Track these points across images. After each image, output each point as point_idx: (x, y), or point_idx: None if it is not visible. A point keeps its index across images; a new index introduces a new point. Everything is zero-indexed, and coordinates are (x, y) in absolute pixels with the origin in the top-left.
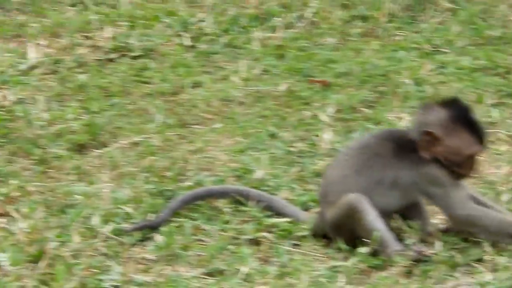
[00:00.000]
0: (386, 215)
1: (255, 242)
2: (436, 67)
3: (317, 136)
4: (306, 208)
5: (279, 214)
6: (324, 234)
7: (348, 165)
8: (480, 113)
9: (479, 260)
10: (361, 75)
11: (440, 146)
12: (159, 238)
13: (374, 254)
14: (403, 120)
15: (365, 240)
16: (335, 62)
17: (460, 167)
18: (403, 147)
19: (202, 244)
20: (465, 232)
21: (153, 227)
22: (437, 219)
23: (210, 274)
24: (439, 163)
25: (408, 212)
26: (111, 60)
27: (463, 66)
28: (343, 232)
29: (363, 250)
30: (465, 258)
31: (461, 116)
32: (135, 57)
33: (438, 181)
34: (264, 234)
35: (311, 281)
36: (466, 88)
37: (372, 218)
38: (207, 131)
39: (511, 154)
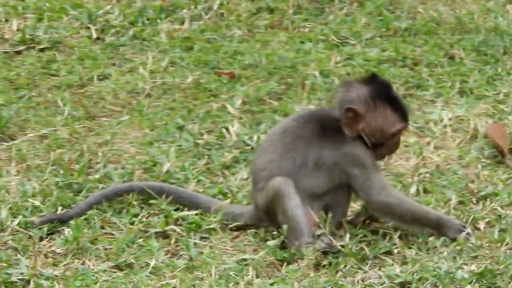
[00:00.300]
0: (313, 198)
1: (164, 235)
2: (344, 58)
3: (224, 128)
4: None
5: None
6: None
7: (272, 150)
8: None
9: (388, 253)
10: (268, 67)
11: (363, 123)
12: (67, 231)
13: (283, 247)
14: None
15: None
16: (242, 54)
17: (383, 145)
18: (326, 127)
19: (110, 238)
20: (378, 219)
21: (63, 221)
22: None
23: (119, 267)
24: (362, 141)
25: (334, 200)
26: (18, 52)
27: (371, 57)
28: (274, 217)
29: (271, 243)
30: (374, 251)
31: (382, 92)
32: (42, 50)
33: (360, 161)
34: (173, 227)
35: (220, 274)
36: None
37: (293, 204)
38: (114, 124)
39: (420, 146)
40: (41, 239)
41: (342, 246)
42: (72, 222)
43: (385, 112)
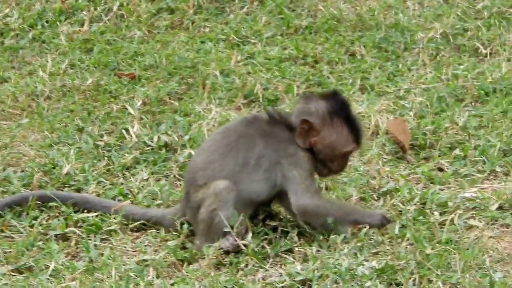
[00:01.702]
0: (253, 203)
1: (64, 237)
2: (244, 57)
3: (125, 129)
4: None
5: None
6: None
7: (214, 150)
8: (289, 104)
9: (289, 251)
10: (168, 68)
11: (317, 137)
12: None
13: (184, 246)
14: (212, 112)
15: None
16: (142, 55)
17: (332, 162)
18: (274, 128)
19: (10, 241)
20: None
21: None
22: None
23: (18, 270)
24: (311, 153)
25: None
26: None
27: (272, 56)
28: (204, 218)
29: (172, 243)
30: (275, 249)
31: (341, 110)
32: None
33: (301, 164)
34: (73, 229)
35: (120, 276)
36: (274, 78)
37: (225, 214)
38: (14, 127)
39: None
40: None
41: (245, 245)
42: None
43: (341, 130)
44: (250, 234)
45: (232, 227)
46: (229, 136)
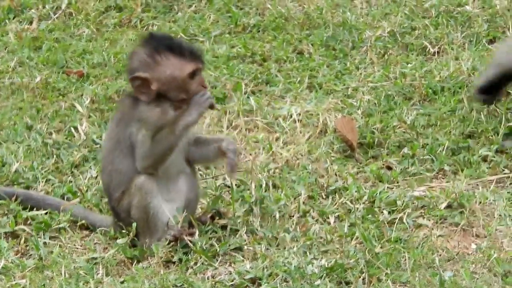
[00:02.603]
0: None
1: (13, 235)
2: None
3: (73, 127)
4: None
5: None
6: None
7: (106, 136)
8: (237, 101)
9: (238, 249)
10: (117, 66)
11: (154, 83)
12: None
13: (133, 244)
14: None
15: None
16: (91, 53)
17: (187, 92)
18: (122, 105)
19: None
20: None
21: None
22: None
23: None
24: (165, 100)
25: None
26: None
27: (219, 54)
28: (129, 214)
29: (121, 241)
30: (224, 247)
31: (160, 46)
32: None
33: (146, 125)
34: (22, 227)
35: (70, 273)
36: (222, 76)
37: (155, 203)
38: None
39: (269, 141)
40: None
41: (192, 242)
42: None
43: (169, 62)
44: (196, 232)
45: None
46: (113, 118)
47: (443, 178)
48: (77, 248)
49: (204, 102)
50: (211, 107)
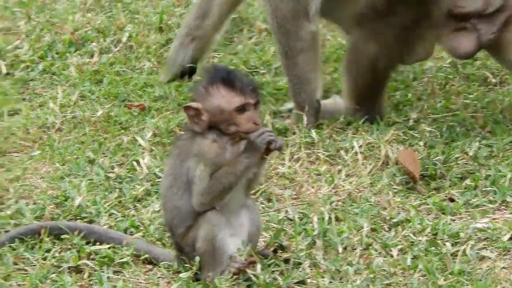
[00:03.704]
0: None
1: (77, 270)
2: None
3: (135, 161)
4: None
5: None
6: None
7: (165, 173)
8: (299, 134)
9: (301, 282)
10: (178, 98)
11: (205, 114)
12: None
13: (197, 278)
14: None
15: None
16: (152, 86)
17: (235, 125)
18: (180, 141)
19: (24, 274)
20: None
21: None
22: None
23: None
24: (215, 132)
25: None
26: None
27: (280, 86)
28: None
29: (184, 275)
30: (287, 281)
31: (215, 78)
32: None
33: (203, 159)
34: (86, 261)
35: None
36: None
37: (221, 236)
38: (25, 159)
39: (331, 174)
40: None
41: (255, 275)
42: None
43: (219, 94)
44: (259, 266)
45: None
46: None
47: (505, 210)
48: (141, 283)
49: (261, 142)
50: (271, 145)
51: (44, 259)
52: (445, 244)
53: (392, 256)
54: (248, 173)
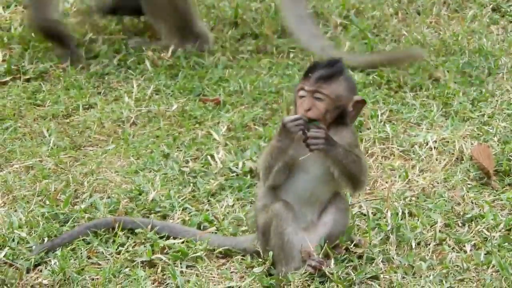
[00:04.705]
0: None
1: (150, 264)
2: None
3: (210, 155)
4: (200, 229)
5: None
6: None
7: None
8: (373, 129)
9: (375, 278)
10: (253, 93)
11: None
12: (54, 262)
13: (270, 273)
14: None
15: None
16: (227, 81)
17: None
18: None
19: (97, 268)
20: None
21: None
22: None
23: None
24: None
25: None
26: (4, 83)
27: (356, 81)
28: (268, 240)
29: (258, 269)
30: (360, 276)
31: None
32: (28, 80)
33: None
34: (159, 256)
35: None
36: None
37: (290, 230)
38: (100, 153)
39: (405, 169)
40: (28, 270)
41: (330, 272)
42: (58, 252)
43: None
44: (332, 261)
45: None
46: None
47: None
48: (214, 277)
49: (292, 127)
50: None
51: (118, 253)
52: None
53: (465, 251)
54: (282, 156)
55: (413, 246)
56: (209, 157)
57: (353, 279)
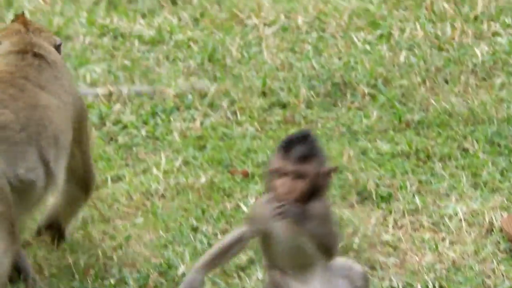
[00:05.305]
0: None
1: None
2: (356, 153)
3: None
4: None
5: None
6: None
7: None
8: (402, 200)
9: None
10: None
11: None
12: None
13: None
14: None
15: None
16: (255, 152)
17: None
18: None
19: None
20: None
21: None
22: None
23: None
24: None
25: None
26: None
27: (384, 151)
28: None
29: None
30: None
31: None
32: None
33: None
34: None
35: None
36: (387, 174)
37: None
38: (129, 226)
39: (435, 241)
40: None
41: None
42: None
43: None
44: None
45: None
46: None
47: None
48: None
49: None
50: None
51: None
52: None
53: None
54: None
55: None
56: None
57: None
